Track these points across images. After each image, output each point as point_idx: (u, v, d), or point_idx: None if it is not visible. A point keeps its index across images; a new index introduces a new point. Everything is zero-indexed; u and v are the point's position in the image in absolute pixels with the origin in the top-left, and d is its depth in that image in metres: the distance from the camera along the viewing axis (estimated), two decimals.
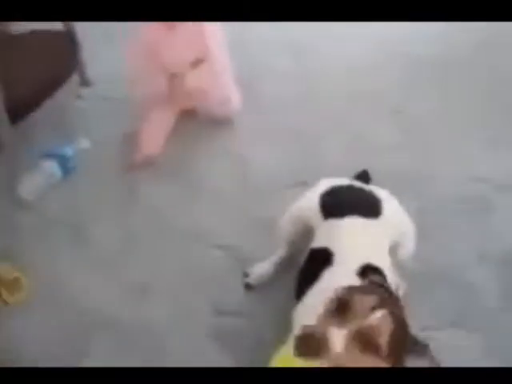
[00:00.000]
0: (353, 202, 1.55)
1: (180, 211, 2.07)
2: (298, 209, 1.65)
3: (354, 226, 1.47)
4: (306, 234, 1.57)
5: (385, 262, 1.42)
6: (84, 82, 2.57)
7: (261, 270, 1.79)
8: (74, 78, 2.48)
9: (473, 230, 1.96)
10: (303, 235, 1.61)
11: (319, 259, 1.42)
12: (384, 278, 1.33)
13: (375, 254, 1.42)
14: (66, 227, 2.03)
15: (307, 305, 1.35)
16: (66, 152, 2.23)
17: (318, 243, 1.49)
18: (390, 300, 1.16)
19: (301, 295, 1.40)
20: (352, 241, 1.44)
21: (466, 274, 1.81)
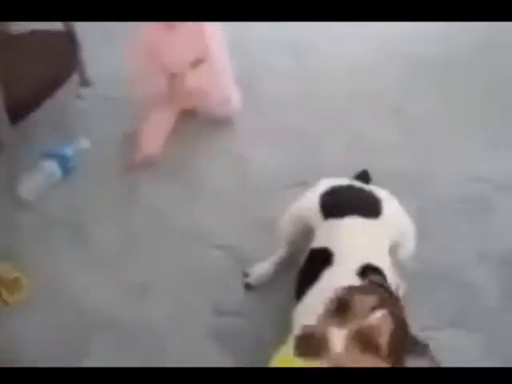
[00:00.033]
0: (353, 201, 1.55)
1: (180, 211, 2.07)
2: (298, 209, 1.65)
3: (354, 225, 1.47)
4: (306, 234, 1.57)
5: (385, 262, 1.42)
6: (84, 82, 2.57)
7: (261, 270, 1.79)
8: (74, 78, 2.48)
9: (473, 230, 1.96)
10: (303, 235, 1.61)
11: (319, 259, 1.42)
12: (384, 278, 1.33)
13: (375, 254, 1.42)
14: (66, 227, 2.03)
15: (307, 305, 1.35)
16: (66, 152, 2.23)
17: (318, 243, 1.49)
18: (390, 300, 1.16)
19: (301, 295, 1.40)
20: (352, 241, 1.44)
21: (466, 274, 1.82)
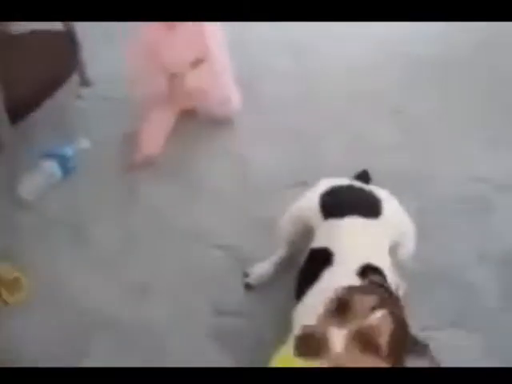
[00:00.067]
0: (353, 201, 1.55)
1: (180, 211, 2.07)
2: (298, 209, 1.65)
3: (354, 225, 1.47)
4: (306, 234, 1.57)
5: (385, 262, 1.42)
6: (84, 82, 2.57)
7: (261, 269, 1.79)
8: (74, 78, 2.48)
9: (473, 230, 1.96)
10: (303, 235, 1.61)
11: (319, 259, 1.42)
12: (384, 278, 1.33)
13: (375, 254, 1.42)
14: (66, 227, 2.03)
15: (307, 305, 1.35)
16: (66, 152, 2.23)
17: (318, 243, 1.49)
18: (390, 300, 1.16)
19: (301, 295, 1.40)
20: (352, 241, 1.44)
21: (466, 274, 1.81)
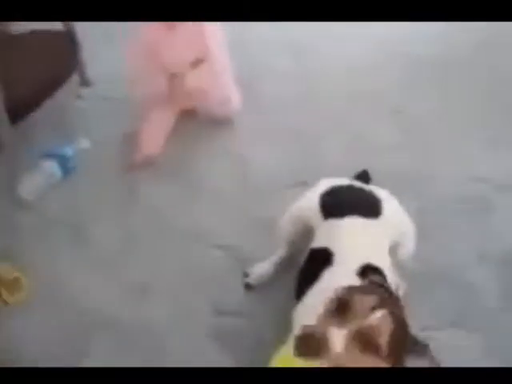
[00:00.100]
0: (353, 201, 1.55)
1: (180, 211, 2.07)
2: (298, 209, 1.65)
3: (354, 226, 1.47)
4: (306, 234, 1.57)
5: (385, 262, 1.42)
6: (84, 82, 2.57)
7: (261, 269, 1.79)
8: (74, 78, 2.48)
9: (473, 230, 1.96)
10: (303, 235, 1.61)
11: (319, 259, 1.42)
12: (384, 278, 1.33)
13: (375, 254, 1.42)
14: (66, 227, 2.03)
15: (307, 305, 1.34)
16: (66, 152, 2.23)
17: (318, 243, 1.49)
18: (390, 300, 1.16)
19: (301, 295, 1.40)
20: (352, 241, 1.44)
21: (466, 274, 1.81)
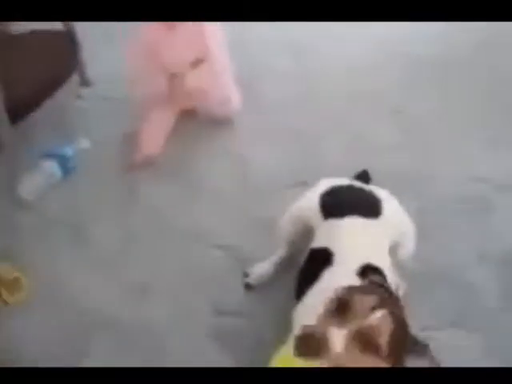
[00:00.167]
0: (353, 202, 1.55)
1: (180, 211, 2.07)
2: (298, 209, 1.65)
3: (354, 226, 1.47)
4: (306, 234, 1.57)
5: (385, 262, 1.42)
6: (84, 82, 2.57)
7: (261, 269, 1.79)
8: (74, 78, 2.48)
9: (473, 230, 1.96)
10: (303, 235, 1.61)
11: (319, 259, 1.42)
12: (384, 278, 1.33)
13: (375, 254, 1.42)
14: (66, 227, 2.03)
15: (307, 305, 1.34)
16: (66, 152, 2.23)
17: (318, 243, 1.49)
18: (390, 300, 1.16)
19: (301, 295, 1.40)
20: (352, 241, 1.44)
21: (466, 274, 1.81)
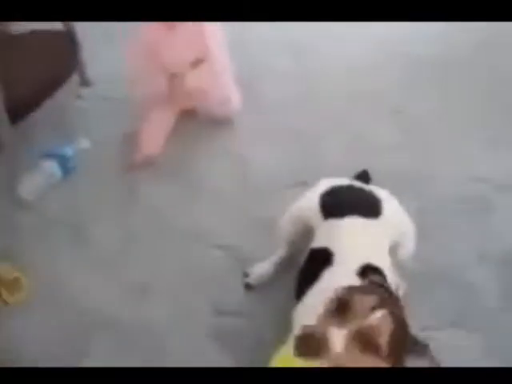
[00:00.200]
0: (353, 201, 1.55)
1: (180, 211, 2.07)
2: (298, 209, 1.65)
3: (354, 226, 1.47)
4: (306, 234, 1.57)
5: (385, 262, 1.42)
6: (84, 82, 2.57)
7: (261, 269, 1.79)
8: (74, 78, 2.48)
9: (473, 230, 1.96)
10: (303, 235, 1.61)
11: (319, 259, 1.42)
12: (384, 278, 1.33)
13: (375, 254, 1.42)
14: (66, 227, 2.03)
15: (307, 305, 1.35)
16: (66, 152, 2.23)
17: (318, 243, 1.49)
18: (390, 300, 1.16)
19: (301, 295, 1.40)
20: (352, 241, 1.44)
21: (466, 274, 1.81)
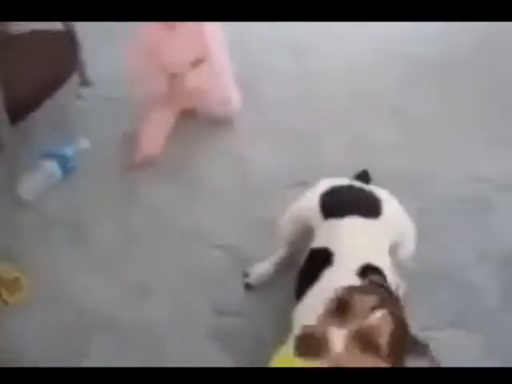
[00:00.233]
0: (353, 201, 1.55)
1: (180, 211, 2.07)
2: (298, 209, 1.65)
3: (354, 226, 1.47)
4: (306, 234, 1.57)
5: (385, 262, 1.42)
6: (84, 82, 2.57)
7: (261, 269, 1.79)
8: (74, 78, 2.48)
9: (473, 230, 1.96)
10: (303, 235, 1.61)
11: (319, 259, 1.42)
12: (384, 278, 1.33)
13: (375, 254, 1.42)
14: (66, 227, 2.03)
15: (307, 305, 1.35)
16: (66, 152, 2.23)
17: (318, 243, 1.49)
18: (390, 300, 1.16)
19: (301, 295, 1.40)
20: (352, 241, 1.44)
21: (466, 274, 1.81)
